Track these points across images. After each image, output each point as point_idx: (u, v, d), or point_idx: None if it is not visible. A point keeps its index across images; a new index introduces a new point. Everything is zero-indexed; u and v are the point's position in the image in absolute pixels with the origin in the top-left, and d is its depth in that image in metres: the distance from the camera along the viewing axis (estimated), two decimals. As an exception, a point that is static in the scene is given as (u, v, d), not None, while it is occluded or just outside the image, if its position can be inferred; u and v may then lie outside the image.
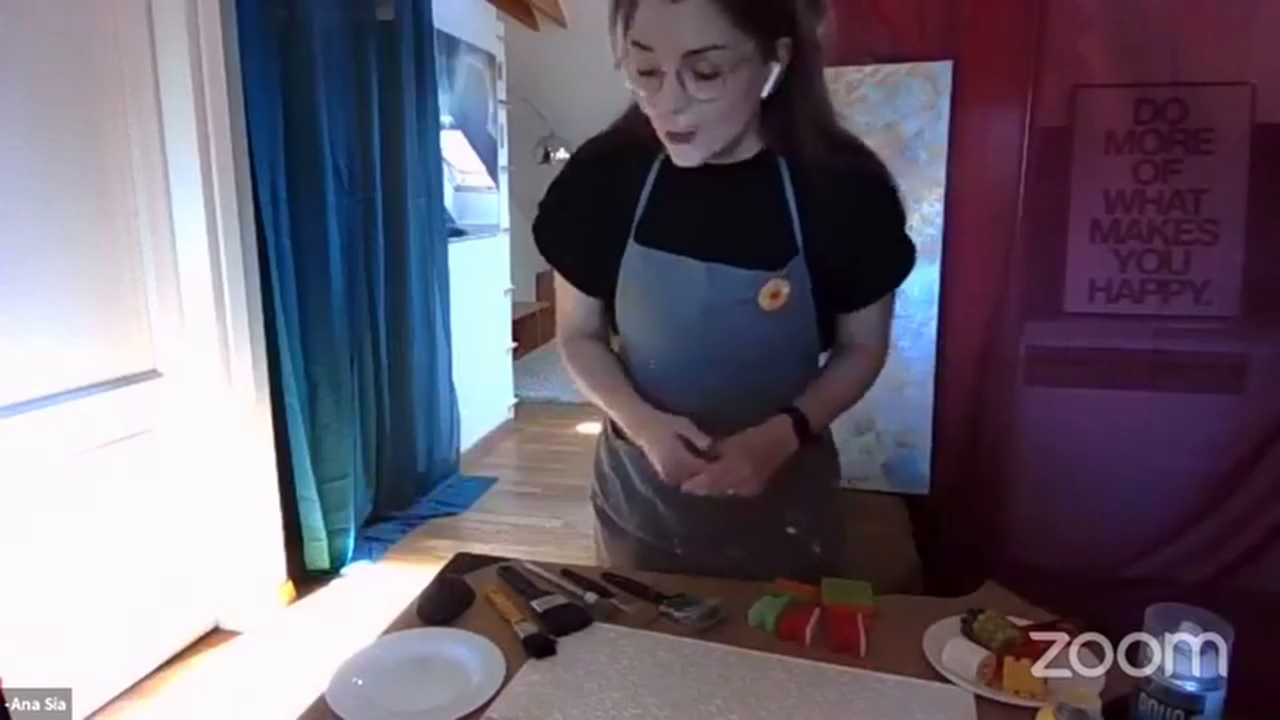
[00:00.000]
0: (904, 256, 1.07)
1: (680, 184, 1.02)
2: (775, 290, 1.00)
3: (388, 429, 3.38)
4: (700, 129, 0.92)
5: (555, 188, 1.12)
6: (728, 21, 0.85)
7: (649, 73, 0.89)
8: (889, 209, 1.04)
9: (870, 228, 1.03)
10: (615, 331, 1.16)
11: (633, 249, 1.04)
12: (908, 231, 1.07)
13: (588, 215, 1.08)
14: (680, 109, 0.89)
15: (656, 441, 1.01)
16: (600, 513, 1.26)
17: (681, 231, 1.02)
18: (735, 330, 1.03)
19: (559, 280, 1.15)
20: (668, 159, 1.02)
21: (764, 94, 0.92)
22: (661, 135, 0.96)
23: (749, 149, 1.01)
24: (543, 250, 1.12)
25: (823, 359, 1.15)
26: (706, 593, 1.03)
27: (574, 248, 1.10)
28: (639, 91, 0.92)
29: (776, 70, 0.91)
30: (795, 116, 0.96)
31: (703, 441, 0.98)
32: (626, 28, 0.90)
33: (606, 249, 1.05)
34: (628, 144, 1.03)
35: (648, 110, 0.94)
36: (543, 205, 1.13)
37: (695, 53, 0.86)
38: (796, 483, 1.09)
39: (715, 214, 1.02)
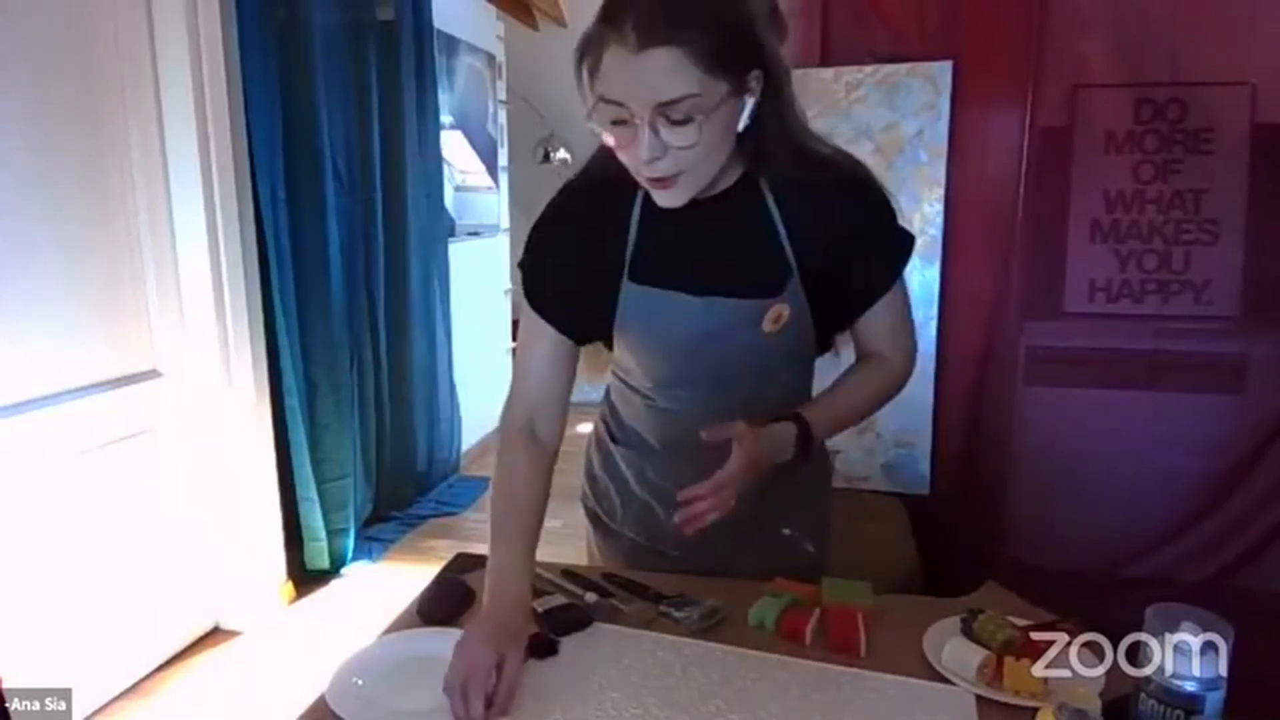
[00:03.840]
0: (895, 252, 1.05)
1: (667, 218, 0.99)
2: (778, 315, 0.99)
3: (388, 429, 3.38)
4: (682, 172, 0.90)
5: (539, 237, 1.07)
6: (699, 69, 0.82)
7: (621, 123, 0.87)
8: (873, 208, 1.02)
9: (856, 231, 1.01)
10: (611, 347, 1.13)
11: (628, 289, 1.01)
12: (901, 225, 1.05)
13: (578, 260, 1.04)
14: (658, 157, 0.87)
15: (474, 629, 0.90)
16: (591, 514, 1.25)
17: (675, 267, 1.00)
18: (733, 352, 1.03)
19: (526, 346, 1.08)
20: (649, 193, 1.00)
21: (740, 128, 0.90)
22: (641, 180, 0.93)
23: (730, 177, 0.98)
24: (536, 307, 1.06)
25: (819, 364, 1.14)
26: (706, 593, 1.03)
27: (567, 297, 1.05)
28: (613, 144, 0.90)
29: (750, 103, 0.89)
30: (769, 140, 0.94)
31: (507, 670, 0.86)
32: (592, 81, 0.88)
33: (600, 292, 1.02)
34: (606, 182, 1.00)
35: (622, 156, 0.91)
36: (528, 256, 1.09)
37: (668, 103, 0.83)
38: (793, 484, 1.09)
39: (706, 246, 1.00)
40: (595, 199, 1.03)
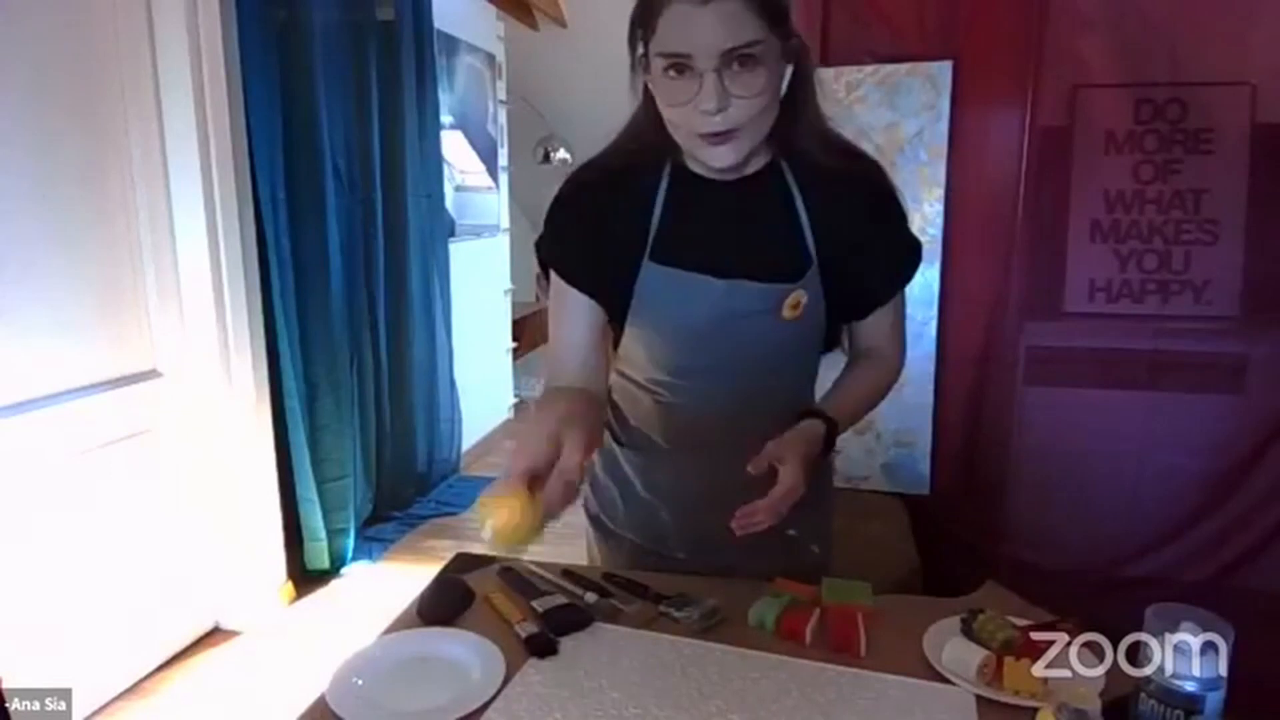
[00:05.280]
0: (909, 255, 1.07)
1: (691, 199, 1.00)
2: (796, 301, 1.00)
3: (388, 429, 3.38)
4: (739, 127, 0.91)
5: (561, 208, 1.06)
6: (760, 19, 0.87)
7: (680, 74, 0.88)
8: (892, 210, 1.04)
9: (873, 229, 1.03)
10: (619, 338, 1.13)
11: (649, 269, 1.01)
12: (911, 230, 1.07)
13: (599, 235, 1.03)
14: (723, 107, 0.88)
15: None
16: (594, 519, 1.25)
17: (698, 249, 1.00)
18: (748, 338, 1.02)
19: (558, 317, 1.06)
20: (675, 174, 1.01)
21: (781, 93, 0.93)
22: (690, 140, 0.93)
23: (757, 161, 1.00)
24: (564, 274, 1.05)
25: (824, 363, 1.15)
26: (706, 593, 1.03)
27: (585, 260, 1.05)
28: (669, 98, 0.91)
29: (790, 71, 0.93)
30: (798, 121, 0.97)
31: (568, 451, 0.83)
32: (648, 40, 0.90)
33: (618, 267, 1.02)
34: (632, 162, 1.01)
35: (677, 115, 0.92)
36: (549, 231, 1.08)
37: (734, 49, 0.86)
38: None
39: (730, 230, 1.01)
40: (619, 175, 1.03)
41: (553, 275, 1.06)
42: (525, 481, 0.81)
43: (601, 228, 1.03)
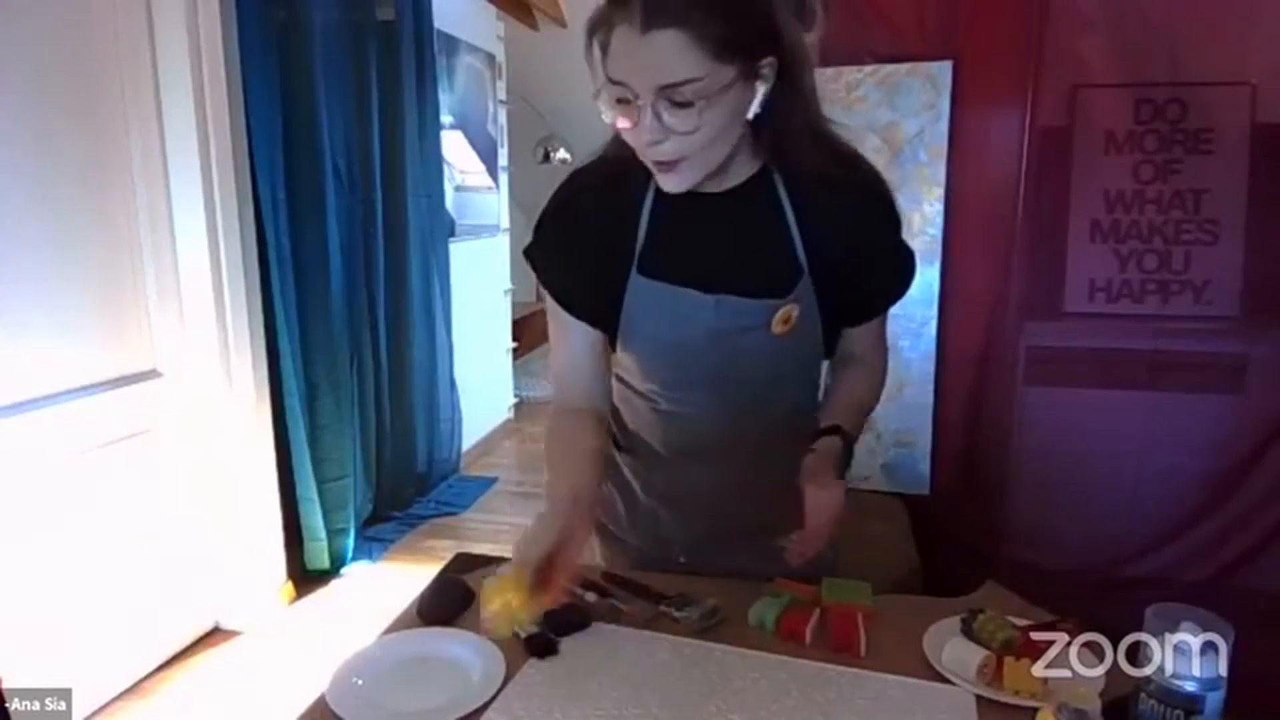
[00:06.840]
0: (906, 266, 1.06)
1: (678, 212, 0.97)
2: (787, 316, 0.98)
3: (388, 429, 3.39)
4: (685, 157, 0.88)
5: (551, 221, 1.05)
6: (704, 53, 0.81)
7: (625, 103, 0.85)
8: (884, 218, 1.02)
9: (872, 240, 1.01)
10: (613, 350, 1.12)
11: (636, 281, 0.99)
12: (905, 238, 1.05)
13: (587, 248, 1.02)
14: (660, 140, 0.86)
15: (539, 518, 0.90)
16: (596, 524, 1.24)
17: (685, 262, 0.98)
18: (742, 353, 1.01)
19: (557, 335, 1.07)
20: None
21: (750, 115, 0.88)
22: (647, 163, 0.92)
23: (743, 172, 0.97)
24: (560, 300, 1.04)
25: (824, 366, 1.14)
26: (706, 593, 1.03)
27: (585, 288, 1.04)
28: (618, 123, 0.89)
29: (762, 90, 0.87)
30: (788, 132, 0.93)
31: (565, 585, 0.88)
32: (603, 61, 0.86)
33: (608, 282, 1.01)
34: (619, 171, 0.97)
35: (629, 140, 0.90)
36: (538, 248, 1.06)
37: (670, 85, 0.82)
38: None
39: (717, 243, 0.98)
40: (606, 187, 1.01)
41: (548, 297, 1.06)
42: (532, 571, 0.85)
43: (590, 242, 1.02)
